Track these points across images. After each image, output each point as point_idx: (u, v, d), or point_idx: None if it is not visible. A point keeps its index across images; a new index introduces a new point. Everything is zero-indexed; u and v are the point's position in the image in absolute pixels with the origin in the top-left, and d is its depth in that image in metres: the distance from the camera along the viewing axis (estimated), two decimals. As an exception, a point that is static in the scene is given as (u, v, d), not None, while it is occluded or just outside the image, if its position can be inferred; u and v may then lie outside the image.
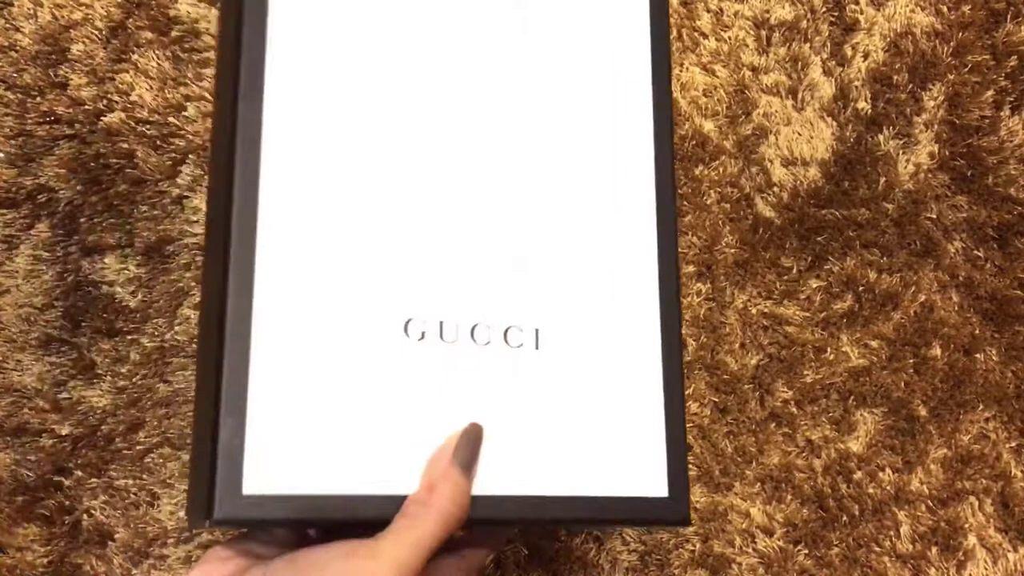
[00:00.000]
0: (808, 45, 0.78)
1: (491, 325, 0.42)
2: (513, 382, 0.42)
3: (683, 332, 0.43)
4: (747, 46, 0.78)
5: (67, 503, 0.64)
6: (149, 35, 0.74)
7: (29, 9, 0.75)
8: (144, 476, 0.65)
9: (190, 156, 0.72)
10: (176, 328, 0.69)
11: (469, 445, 0.39)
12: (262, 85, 0.40)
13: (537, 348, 0.43)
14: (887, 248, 0.73)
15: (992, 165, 0.75)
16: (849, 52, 0.77)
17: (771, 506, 0.67)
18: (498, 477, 0.41)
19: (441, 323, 0.41)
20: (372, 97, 0.43)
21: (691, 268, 0.72)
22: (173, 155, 0.72)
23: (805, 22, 0.78)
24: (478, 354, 0.42)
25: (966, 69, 0.77)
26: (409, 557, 0.36)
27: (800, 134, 0.76)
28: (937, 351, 0.71)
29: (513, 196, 0.44)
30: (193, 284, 0.70)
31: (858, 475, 0.68)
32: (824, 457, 0.68)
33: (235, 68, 0.40)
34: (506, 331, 0.42)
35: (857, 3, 0.78)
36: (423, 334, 0.41)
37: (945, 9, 0.78)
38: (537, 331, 0.43)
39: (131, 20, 0.75)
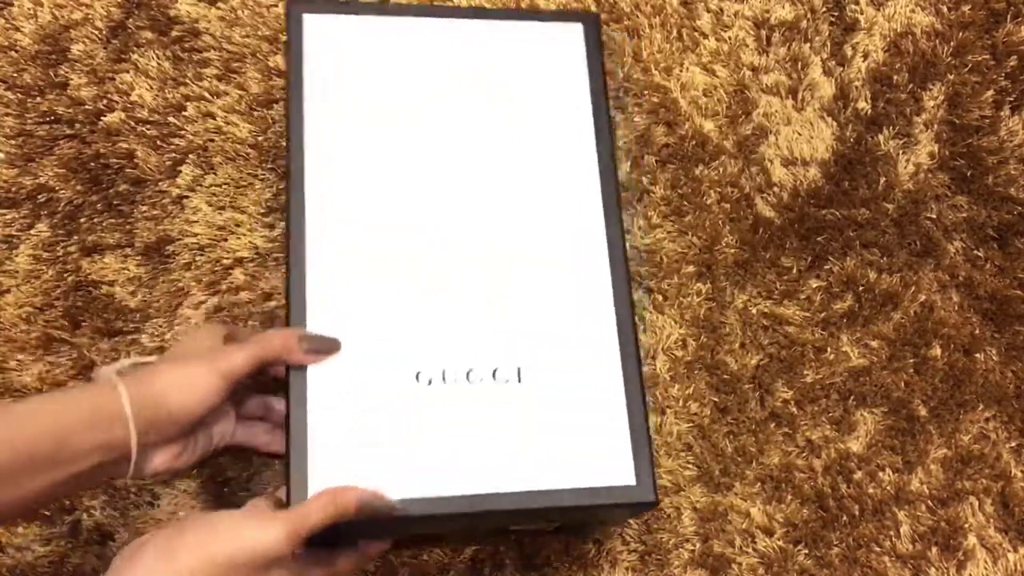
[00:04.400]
0: (808, 45, 0.78)
1: (482, 368, 0.55)
2: (501, 409, 0.54)
3: (640, 351, 0.56)
4: (747, 46, 0.78)
5: (67, 503, 0.64)
6: (149, 35, 0.74)
7: (29, 9, 0.74)
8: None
9: (190, 156, 0.72)
10: (176, 328, 0.69)
11: (374, 509, 0.51)
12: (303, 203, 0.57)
13: (520, 381, 0.54)
14: (887, 248, 0.73)
15: (992, 165, 0.75)
16: (849, 52, 0.77)
17: (771, 506, 0.67)
18: (496, 479, 0.52)
19: (444, 371, 0.54)
20: (382, 208, 0.58)
21: (691, 268, 0.72)
22: (173, 155, 0.72)
23: (805, 22, 0.78)
24: (473, 391, 0.54)
25: (966, 69, 0.77)
26: (297, 527, 0.48)
27: (800, 134, 0.76)
28: (937, 351, 0.71)
29: (495, 270, 0.57)
30: (193, 284, 0.70)
31: (858, 475, 0.68)
32: (824, 457, 0.68)
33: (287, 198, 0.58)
34: (494, 371, 0.55)
35: (857, 3, 0.78)
36: (430, 380, 0.54)
37: (945, 9, 0.78)
38: (519, 369, 0.55)
39: (131, 20, 0.75)
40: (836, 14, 0.78)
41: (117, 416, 0.49)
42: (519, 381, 0.54)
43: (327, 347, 0.54)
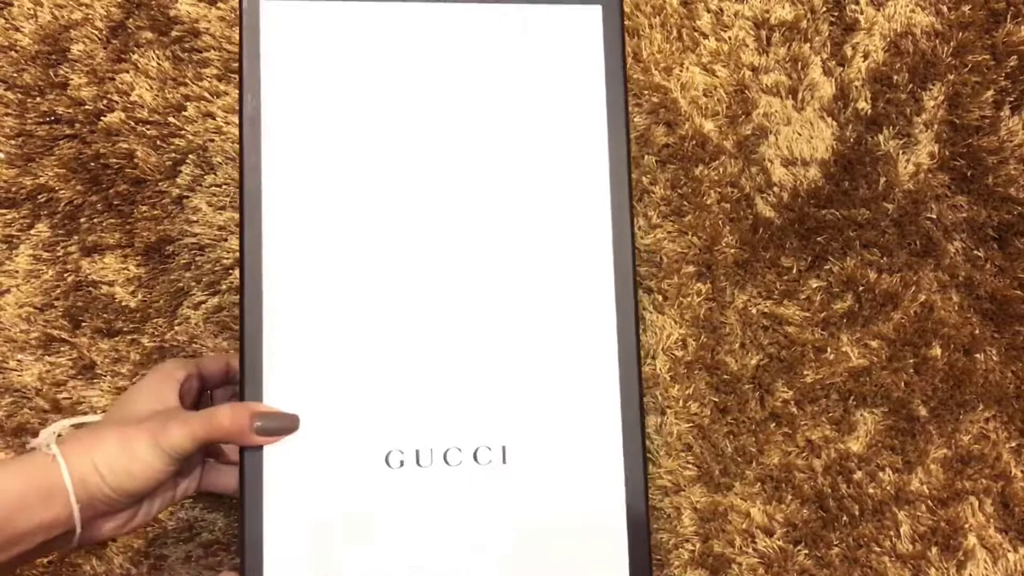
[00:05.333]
0: (808, 45, 0.77)
1: (462, 447, 0.47)
2: (482, 498, 0.47)
3: (645, 428, 0.47)
4: (747, 46, 0.78)
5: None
6: (149, 35, 0.74)
7: (29, 9, 0.74)
8: (144, 476, 0.65)
9: (190, 156, 0.72)
10: (176, 328, 0.69)
11: None
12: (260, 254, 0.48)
13: (504, 463, 0.48)
14: (887, 248, 0.73)
15: (992, 165, 0.75)
16: (849, 52, 0.77)
17: (771, 506, 0.67)
18: None
19: (417, 451, 0.47)
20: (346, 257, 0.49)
21: (691, 268, 0.72)
22: (173, 155, 0.72)
23: (805, 22, 0.78)
24: (450, 475, 0.47)
25: (966, 69, 0.77)
26: None
27: (800, 134, 0.76)
28: (937, 351, 0.71)
29: (475, 329, 0.48)
30: (193, 284, 0.70)
31: (858, 475, 0.68)
32: (824, 457, 0.68)
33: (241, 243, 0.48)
34: (475, 451, 0.48)
35: (857, 3, 0.78)
36: (402, 463, 0.47)
37: (945, 9, 0.78)
38: (504, 448, 0.48)
39: (131, 20, 0.75)
40: (836, 14, 0.78)
41: (57, 491, 0.45)
42: (504, 462, 0.48)
43: (284, 426, 0.47)
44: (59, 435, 0.47)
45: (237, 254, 0.70)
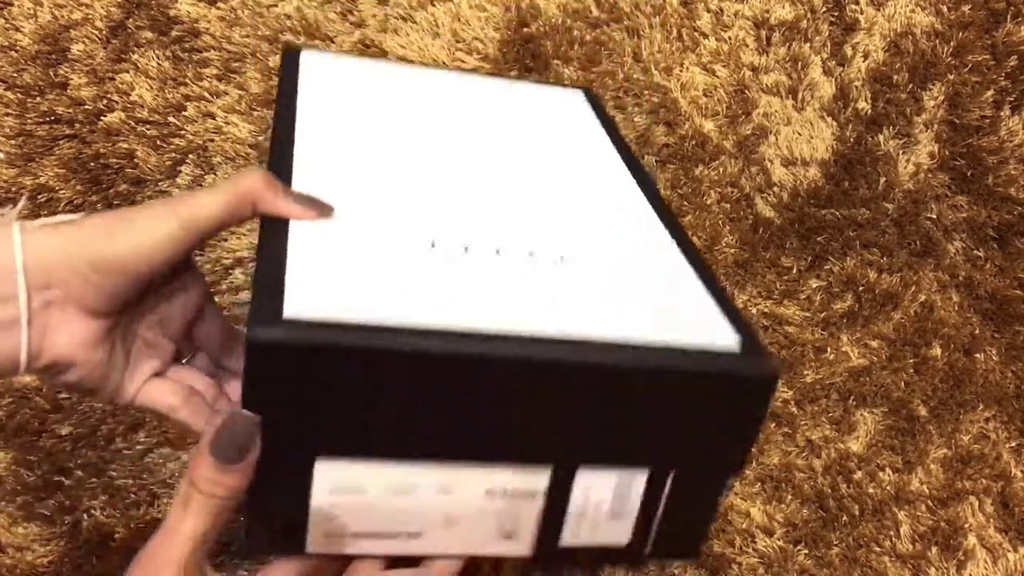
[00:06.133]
0: (808, 45, 0.77)
1: (513, 247, 0.42)
2: (544, 278, 0.41)
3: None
4: (747, 46, 0.78)
5: (67, 503, 0.64)
6: (149, 35, 0.74)
7: (29, 9, 0.74)
8: (144, 476, 0.65)
9: (190, 156, 0.72)
10: (176, 328, 0.69)
11: (231, 438, 0.35)
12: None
13: (562, 261, 0.42)
14: (887, 248, 0.73)
15: (992, 165, 0.75)
16: (849, 52, 0.77)
17: (771, 506, 0.67)
18: (543, 321, 0.37)
19: (466, 246, 0.41)
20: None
21: (691, 268, 0.72)
22: (173, 155, 0.72)
23: (805, 22, 0.78)
24: (504, 264, 0.41)
25: (966, 69, 0.77)
26: (183, 554, 0.35)
27: (800, 134, 0.76)
28: (937, 351, 0.71)
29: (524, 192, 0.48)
30: (193, 284, 0.70)
31: (858, 475, 0.68)
32: (824, 457, 0.68)
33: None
34: (530, 252, 0.42)
35: (857, 3, 0.78)
36: (448, 249, 0.41)
37: (945, 9, 0.78)
38: (561, 257, 0.42)
39: (131, 20, 0.75)
40: (836, 14, 0.78)
41: (4, 264, 0.36)
42: (561, 261, 0.42)
43: (316, 206, 0.40)
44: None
45: (237, 254, 0.70)
